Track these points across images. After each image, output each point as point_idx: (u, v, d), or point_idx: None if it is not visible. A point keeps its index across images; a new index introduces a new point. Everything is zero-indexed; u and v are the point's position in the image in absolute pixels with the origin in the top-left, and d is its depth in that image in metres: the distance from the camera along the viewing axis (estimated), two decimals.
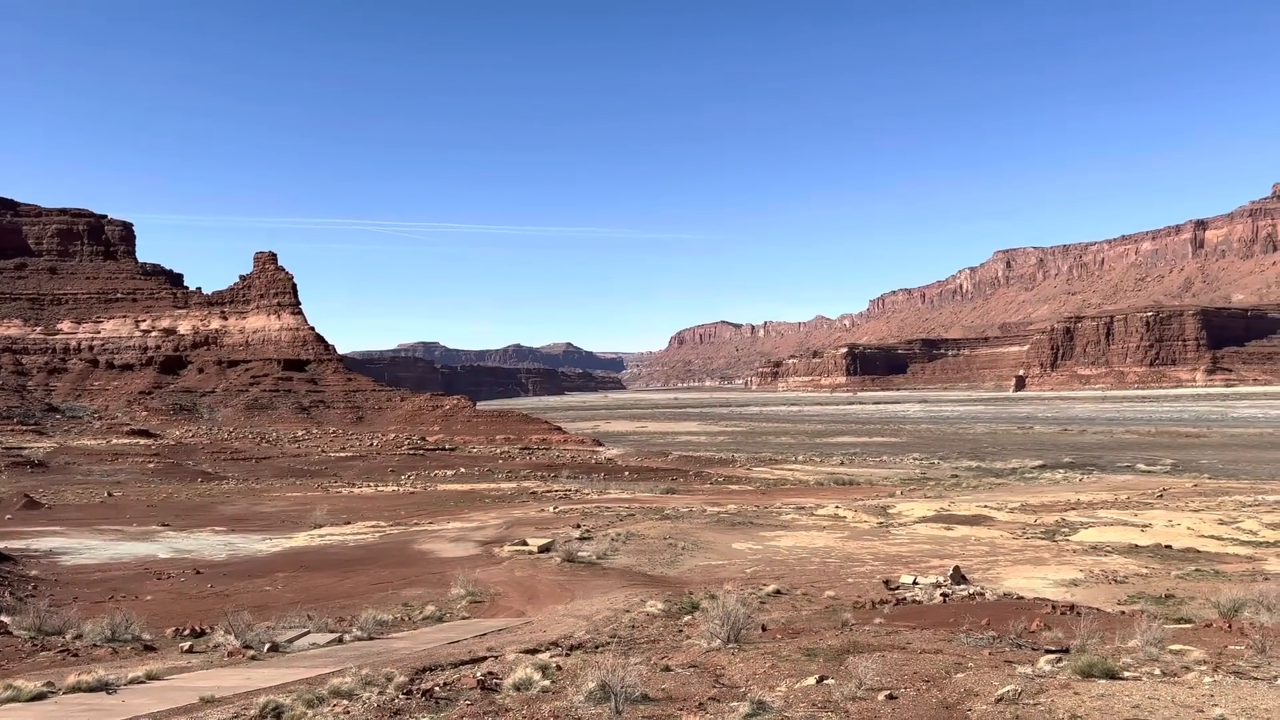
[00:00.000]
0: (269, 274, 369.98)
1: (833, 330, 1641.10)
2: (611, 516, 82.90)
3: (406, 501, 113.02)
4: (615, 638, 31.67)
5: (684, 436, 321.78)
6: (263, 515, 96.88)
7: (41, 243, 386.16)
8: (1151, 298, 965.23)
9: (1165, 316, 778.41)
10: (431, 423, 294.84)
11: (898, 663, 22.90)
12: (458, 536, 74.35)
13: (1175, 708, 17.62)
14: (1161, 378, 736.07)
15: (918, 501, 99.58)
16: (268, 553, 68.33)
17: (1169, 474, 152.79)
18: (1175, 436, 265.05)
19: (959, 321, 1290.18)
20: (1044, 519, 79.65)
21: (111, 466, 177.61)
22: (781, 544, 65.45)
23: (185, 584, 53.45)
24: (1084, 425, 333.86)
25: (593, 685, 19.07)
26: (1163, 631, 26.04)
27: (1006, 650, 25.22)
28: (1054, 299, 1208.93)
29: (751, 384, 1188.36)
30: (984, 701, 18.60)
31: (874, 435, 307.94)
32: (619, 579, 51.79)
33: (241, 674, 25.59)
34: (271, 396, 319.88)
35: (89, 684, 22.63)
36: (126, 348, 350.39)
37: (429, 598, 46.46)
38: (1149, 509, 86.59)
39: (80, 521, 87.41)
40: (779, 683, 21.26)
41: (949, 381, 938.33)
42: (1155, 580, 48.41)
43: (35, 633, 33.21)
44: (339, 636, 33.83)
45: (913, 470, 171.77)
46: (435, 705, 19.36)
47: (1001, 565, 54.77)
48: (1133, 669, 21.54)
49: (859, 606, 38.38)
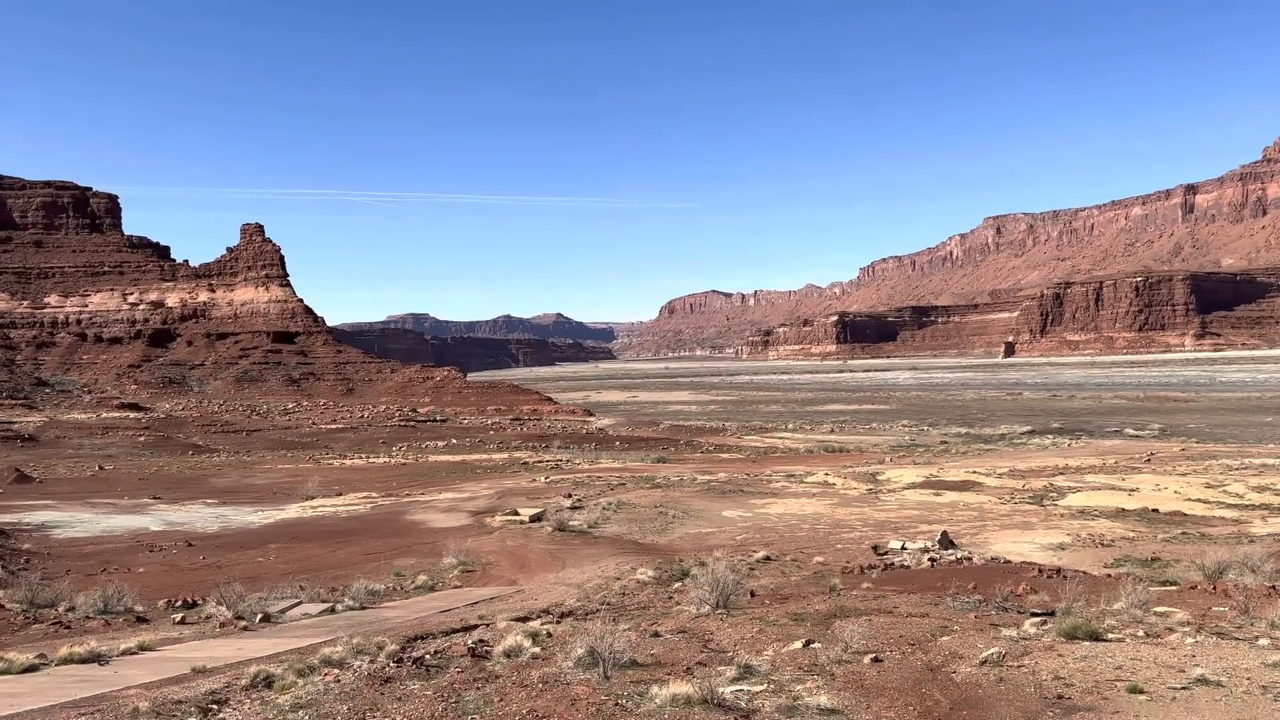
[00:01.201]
0: (256, 246, 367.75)
1: (823, 298, 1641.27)
2: (602, 486, 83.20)
3: (398, 473, 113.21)
4: (605, 605, 31.91)
5: (675, 406, 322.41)
6: (254, 487, 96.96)
7: (26, 216, 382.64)
8: (1141, 263, 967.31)
9: (1154, 282, 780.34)
10: (422, 394, 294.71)
11: (884, 626, 23.13)
12: (449, 507, 74.57)
13: (1157, 668, 17.86)
14: (1150, 343, 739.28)
15: (907, 468, 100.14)
16: (259, 524, 68.46)
17: (1157, 438, 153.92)
18: (1163, 401, 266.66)
19: (949, 288, 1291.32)
20: (1032, 484, 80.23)
21: (102, 440, 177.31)
22: (771, 511, 65.83)
23: (177, 556, 53.56)
24: (1073, 391, 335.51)
25: (582, 651, 19.22)
26: (1147, 594, 26.34)
27: (992, 614, 25.48)
28: (1044, 265, 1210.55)
29: (742, 353, 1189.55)
30: (968, 664, 18.81)
31: (864, 403, 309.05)
32: (610, 547, 52.07)
33: (234, 644, 25.70)
34: (261, 369, 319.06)
35: (81, 655, 22.69)
36: (115, 321, 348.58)
37: (421, 567, 46.66)
38: (1136, 473, 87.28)
39: (71, 495, 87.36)
40: (766, 647, 21.46)
41: (939, 349, 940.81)
42: (1141, 544, 48.90)
43: (28, 605, 33.27)
44: (331, 607, 33.96)
45: (902, 437, 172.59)
46: (426, 673, 19.50)
47: (989, 530, 55.23)
48: (1117, 631, 21.80)
49: (847, 572, 38.69)
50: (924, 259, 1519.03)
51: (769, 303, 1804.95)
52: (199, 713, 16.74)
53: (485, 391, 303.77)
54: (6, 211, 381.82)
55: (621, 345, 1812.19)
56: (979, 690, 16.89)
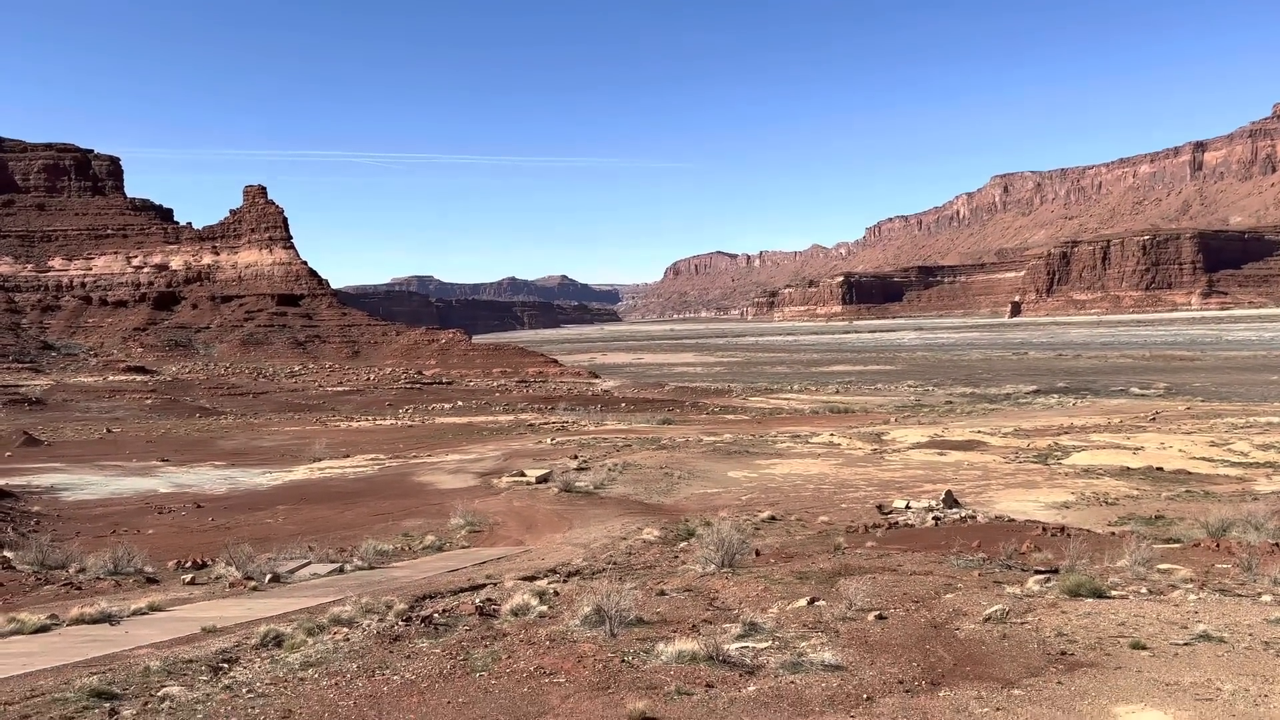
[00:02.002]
0: (259, 208, 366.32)
1: (829, 259, 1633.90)
2: (608, 447, 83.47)
3: (404, 435, 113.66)
4: (612, 564, 32.12)
5: (680, 368, 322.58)
6: (262, 450, 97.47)
7: (28, 179, 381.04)
8: (1149, 221, 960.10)
9: (1162, 240, 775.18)
10: (428, 357, 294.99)
11: (888, 584, 23.27)
12: (456, 468, 74.93)
13: (1160, 624, 17.96)
14: (1157, 302, 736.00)
15: (912, 428, 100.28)
16: (268, 486, 68.91)
17: (1162, 397, 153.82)
18: (1169, 360, 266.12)
19: (956, 248, 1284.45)
20: (1036, 443, 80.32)
21: (109, 403, 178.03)
22: (776, 471, 66.05)
23: (186, 518, 53.97)
24: (1079, 350, 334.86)
25: (588, 610, 19.37)
26: (1151, 552, 26.45)
27: (996, 571, 25.60)
28: (1051, 224, 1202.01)
29: (747, 314, 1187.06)
30: (972, 621, 18.94)
31: (869, 364, 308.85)
32: (616, 508, 52.35)
33: (243, 604, 25.97)
34: (266, 332, 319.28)
35: (92, 616, 22.95)
36: (119, 284, 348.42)
37: (429, 528, 46.99)
38: (1141, 432, 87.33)
39: (80, 458, 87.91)
40: (771, 605, 21.62)
41: (945, 309, 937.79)
42: (1146, 502, 49.02)
43: (38, 567, 33.60)
44: (340, 567, 34.24)
45: (907, 397, 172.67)
46: (435, 631, 19.69)
47: (994, 489, 55.40)
48: (1120, 588, 21.92)
49: (852, 531, 38.86)
50: (931, 218, 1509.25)
51: (774, 264, 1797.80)
52: (210, 671, 16.93)
53: (491, 354, 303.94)
54: (8, 174, 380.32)
55: (627, 307, 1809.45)
56: (982, 646, 17.02)
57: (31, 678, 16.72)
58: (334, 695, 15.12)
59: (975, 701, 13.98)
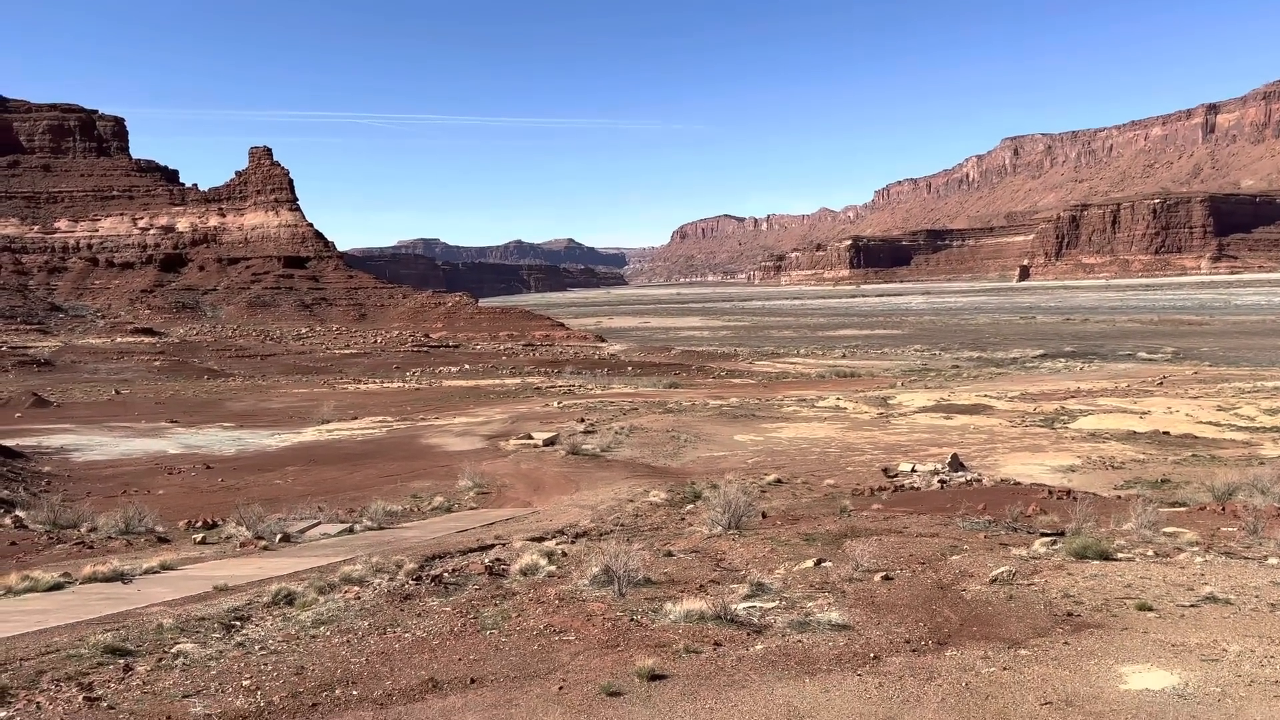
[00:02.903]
0: (265, 170, 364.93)
1: (837, 222, 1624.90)
2: (615, 411, 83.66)
3: (412, 397, 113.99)
4: (619, 526, 32.31)
5: (686, 332, 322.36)
6: (270, 411, 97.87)
7: (33, 139, 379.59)
8: (1160, 184, 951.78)
9: (1172, 204, 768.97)
10: (434, 320, 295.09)
11: (894, 546, 23.38)
12: (464, 431, 75.22)
13: (1166, 586, 18.03)
14: (1167, 266, 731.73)
15: (918, 392, 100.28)
16: (277, 447, 69.28)
17: (1170, 362, 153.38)
18: (1177, 324, 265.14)
19: (965, 211, 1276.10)
20: (1043, 407, 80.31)
21: (117, 365, 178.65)
22: (782, 435, 66.19)
23: (196, 478, 54.35)
24: (1087, 314, 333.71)
25: (597, 570, 19.52)
26: (1157, 515, 26.50)
27: (1002, 534, 25.71)
28: (1061, 187, 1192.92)
29: (754, 278, 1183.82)
30: (978, 582, 19.04)
31: (876, 328, 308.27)
32: (623, 470, 52.57)
33: (254, 563, 26.19)
34: (273, 294, 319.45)
35: (105, 574, 23.16)
36: (126, 246, 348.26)
37: (437, 489, 47.26)
38: (1148, 396, 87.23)
39: (89, 419, 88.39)
40: (778, 566, 21.75)
41: (953, 273, 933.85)
42: (1152, 466, 49.09)
43: (50, 526, 33.90)
44: (350, 527, 34.49)
45: (914, 362, 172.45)
46: (445, 590, 19.87)
47: (1000, 453, 55.49)
48: (1126, 550, 21.98)
49: (858, 494, 39.01)
50: (940, 181, 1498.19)
51: (782, 227, 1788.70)
52: (222, 629, 17.12)
53: (497, 317, 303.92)
54: (13, 135, 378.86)
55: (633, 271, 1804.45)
56: (989, 607, 17.11)
57: (46, 634, 16.92)
58: (346, 652, 15.29)
59: (982, 661, 14.08)
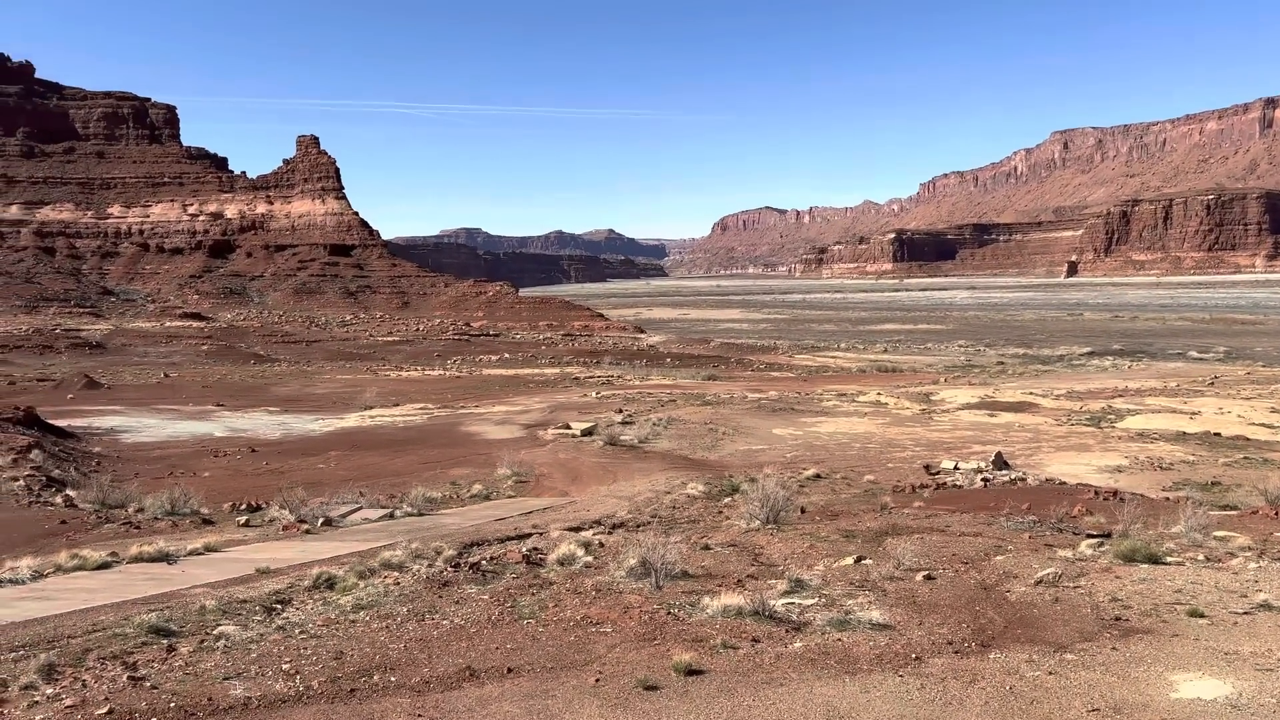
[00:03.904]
0: (312, 158, 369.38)
1: (880, 215, 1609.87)
2: (653, 402, 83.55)
3: (452, 385, 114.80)
4: (656, 517, 32.21)
5: (726, 324, 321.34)
6: (314, 396, 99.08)
7: (88, 126, 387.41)
8: (1214, 180, 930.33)
9: (1227, 200, 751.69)
10: (475, 309, 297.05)
11: (936, 545, 23.05)
12: (503, 419, 75.58)
13: (1218, 592, 17.57)
14: (1220, 263, 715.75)
15: (961, 388, 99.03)
16: (320, 432, 70.09)
17: (1221, 361, 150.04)
18: (1230, 324, 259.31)
19: (1012, 205, 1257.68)
20: (1090, 406, 78.89)
21: (166, 348, 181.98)
22: (822, 430, 65.68)
23: (241, 461, 55.13)
24: (1136, 312, 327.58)
25: (634, 561, 19.44)
26: (1207, 518, 25.87)
27: (1047, 534, 25.25)
28: (1112, 182, 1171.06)
29: (795, 271, 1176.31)
30: (1023, 583, 18.69)
31: (919, 323, 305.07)
32: (660, 462, 52.45)
33: (296, 547, 26.46)
34: (319, 281, 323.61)
35: (151, 554, 23.54)
36: (175, 232, 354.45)
37: (476, 477, 47.47)
38: (1199, 396, 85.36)
39: (138, 401, 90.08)
40: (817, 562, 21.53)
41: (999, 268, 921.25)
42: (1202, 467, 47.98)
43: (99, 506, 34.54)
44: (390, 512, 34.75)
45: (958, 357, 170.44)
46: (483, 578, 19.91)
47: (1045, 451, 54.58)
48: (1175, 554, 21.47)
49: (898, 491, 38.54)
50: (987, 175, 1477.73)
51: (824, 220, 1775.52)
52: (264, 612, 17.28)
53: (537, 307, 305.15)
54: (69, 123, 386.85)
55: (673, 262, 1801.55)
56: (1034, 610, 16.79)
57: (93, 613, 17.21)
58: (385, 638, 15.36)
59: (1026, 665, 13.80)
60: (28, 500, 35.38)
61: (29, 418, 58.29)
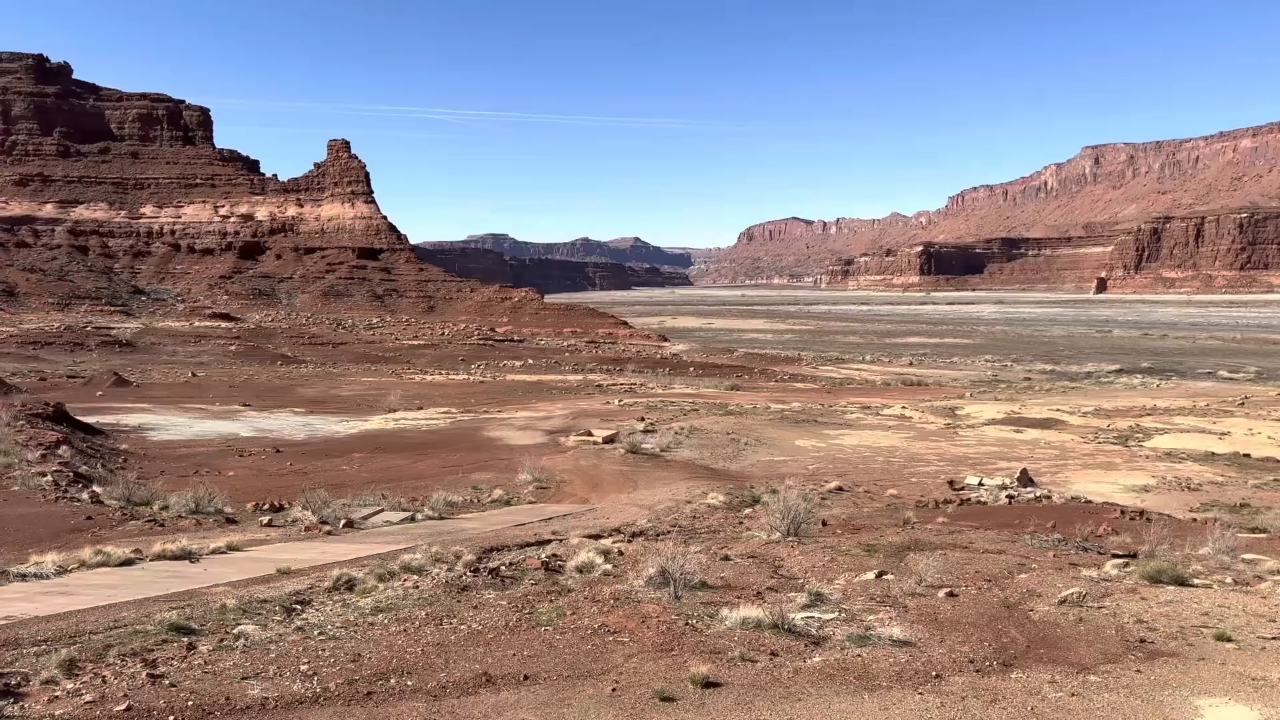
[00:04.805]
0: (343, 162, 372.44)
1: (908, 228, 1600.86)
2: (675, 411, 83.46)
3: (476, 390, 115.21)
4: (676, 527, 32.11)
5: (750, 334, 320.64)
6: (339, 398, 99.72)
7: (123, 127, 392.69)
8: (1248, 198, 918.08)
9: (1260, 218, 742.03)
10: (500, 314, 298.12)
11: (959, 561, 22.81)
12: (525, 425, 75.74)
13: (1246, 616, 17.27)
14: (1252, 283, 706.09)
15: (987, 404, 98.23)
16: (344, 434, 70.51)
17: (1252, 382, 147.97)
18: (1262, 343, 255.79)
19: (1041, 220, 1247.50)
20: (1117, 424, 78.04)
21: (195, 348, 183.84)
22: (845, 442, 65.33)
23: (265, 461, 55.53)
24: (1165, 330, 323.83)
25: (653, 571, 19.35)
26: (1236, 540, 25.45)
27: (1072, 553, 24.93)
28: (1143, 198, 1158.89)
29: (821, 282, 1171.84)
30: (1047, 602, 18.45)
31: (945, 336, 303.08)
32: (681, 471, 52.34)
33: (317, 548, 26.59)
34: (346, 284, 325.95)
35: (174, 552, 23.71)
36: (206, 233, 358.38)
37: (497, 482, 47.57)
38: (1229, 416, 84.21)
39: (166, 399, 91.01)
40: (838, 576, 21.36)
41: (1027, 283, 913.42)
42: (1231, 489, 47.31)
43: (124, 503, 34.84)
44: (411, 515, 34.86)
45: (984, 372, 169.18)
46: (501, 584, 19.90)
47: (1071, 469, 54.01)
48: (1203, 576, 21.13)
49: (922, 505, 38.24)
50: (1017, 189, 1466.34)
51: (851, 231, 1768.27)
52: (284, 612, 17.35)
53: (562, 313, 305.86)
54: (105, 123, 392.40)
55: (699, 271, 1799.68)
56: (1057, 629, 16.56)
57: (115, 609, 17.34)
58: (403, 641, 15.37)
59: (1049, 686, 13.61)
60: (54, 495, 35.76)
61: (58, 414, 59.00)
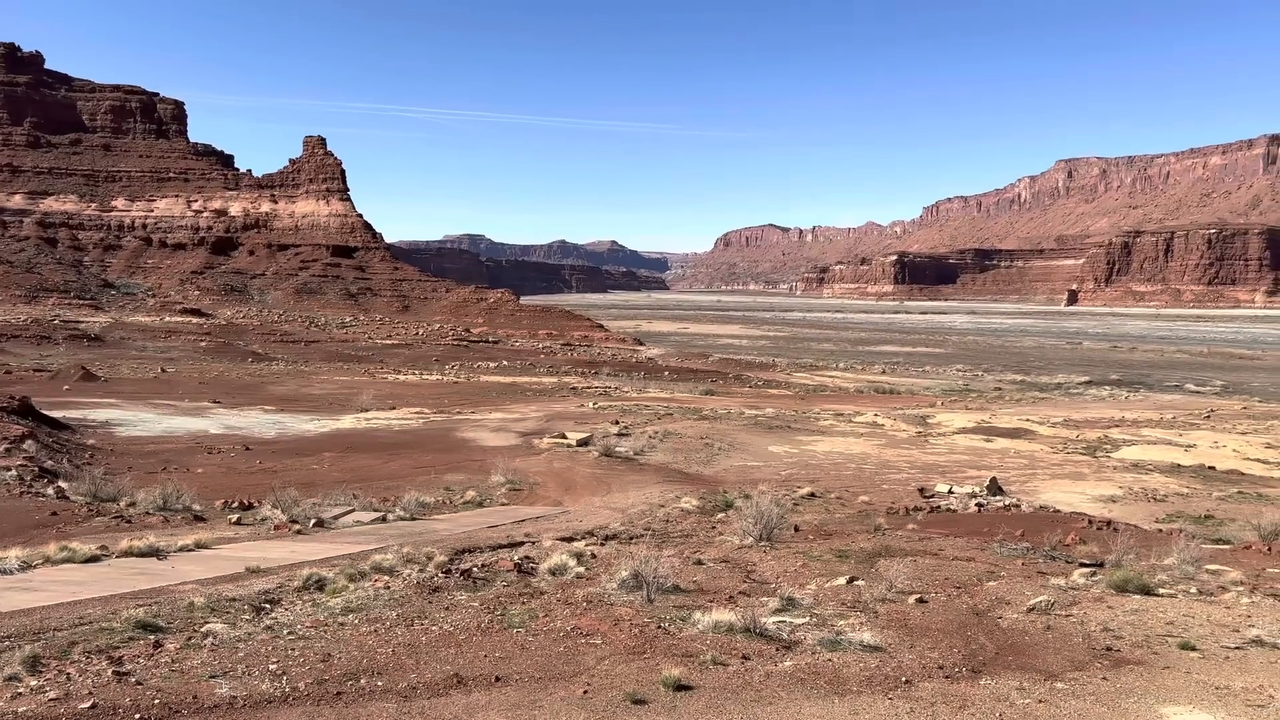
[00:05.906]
0: (318, 159, 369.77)
1: (883, 237, 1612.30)
2: (650, 414, 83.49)
3: (450, 390, 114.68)
4: (649, 530, 32.12)
5: (725, 339, 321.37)
6: (311, 397, 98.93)
7: (95, 119, 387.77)
8: (1216, 214, 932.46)
9: (1228, 234, 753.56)
10: (476, 315, 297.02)
11: (929, 568, 22.99)
12: (499, 426, 75.48)
13: (1210, 626, 17.52)
14: (1220, 298, 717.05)
15: (958, 412, 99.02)
16: (315, 433, 69.97)
17: (1218, 395, 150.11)
18: (1228, 358, 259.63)
19: (1015, 232, 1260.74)
20: (1086, 435, 78.90)
21: (165, 343, 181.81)
22: (818, 449, 65.63)
23: (235, 459, 55.00)
24: (1135, 343, 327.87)
25: (626, 574, 19.37)
26: (1200, 551, 25.84)
27: (1040, 562, 25.20)
28: (1114, 212, 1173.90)
29: (797, 289, 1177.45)
30: (1015, 610, 18.63)
31: (918, 345, 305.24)
32: (655, 475, 52.37)
33: (287, 547, 26.37)
34: (320, 282, 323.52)
35: (141, 549, 23.43)
36: (179, 227, 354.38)
37: (470, 483, 47.38)
38: (1195, 429, 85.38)
39: (135, 395, 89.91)
40: (809, 581, 21.47)
41: (1000, 294, 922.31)
42: (1196, 500, 47.95)
43: (91, 499, 34.41)
44: (382, 516, 34.66)
45: (955, 381, 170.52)
46: (473, 585, 19.83)
47: (1040, 479, 54.54)
48: (1168, 586, 21.43)
49: (893, 512, 38.47)
50: (991, 200, 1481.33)
51: (827, 239, 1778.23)
52: (252, 611, 17.20)
53: (538, 315, 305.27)
54: (76, 114, 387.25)
55: (675, 276, 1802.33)
56: (1025, 637, 16.73)
57: (80, 605, 17.12)
58: (373, 642, 15.28)
59: (1017, 692, 13.74)
60: (19, 490, 35.25)
61: (24, 408, 58.16)
